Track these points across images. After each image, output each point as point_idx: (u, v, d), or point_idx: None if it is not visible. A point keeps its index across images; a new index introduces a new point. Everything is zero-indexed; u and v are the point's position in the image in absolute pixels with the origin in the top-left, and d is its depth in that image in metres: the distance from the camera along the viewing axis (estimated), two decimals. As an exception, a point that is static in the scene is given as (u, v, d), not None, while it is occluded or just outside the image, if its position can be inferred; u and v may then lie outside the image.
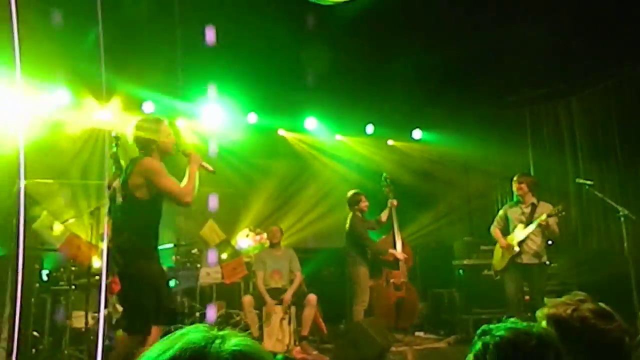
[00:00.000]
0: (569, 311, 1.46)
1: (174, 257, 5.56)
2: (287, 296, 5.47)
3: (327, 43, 6.08)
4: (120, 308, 4.32)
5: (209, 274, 5.49)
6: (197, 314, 5.22)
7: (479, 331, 1.25)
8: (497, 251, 5.33)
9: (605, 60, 6.14)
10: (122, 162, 3.26)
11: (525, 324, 1.23)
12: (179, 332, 0.71)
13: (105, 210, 3.47)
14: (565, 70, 6.52)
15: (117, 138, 3.31)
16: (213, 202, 6.63)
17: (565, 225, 5.63)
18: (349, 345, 4.94)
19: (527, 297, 5.19)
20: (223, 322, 5.60)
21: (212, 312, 5.58)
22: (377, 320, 5.26)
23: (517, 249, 5.02)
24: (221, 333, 0.71)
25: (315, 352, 5.32)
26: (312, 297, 5.50)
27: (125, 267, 3.22)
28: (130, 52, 5.12)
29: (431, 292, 7.04)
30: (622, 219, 4.74)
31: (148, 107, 6.44)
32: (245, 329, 5.43)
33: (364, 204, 5.80)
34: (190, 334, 0.70)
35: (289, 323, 5.39)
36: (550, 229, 4.96)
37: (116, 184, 3.19)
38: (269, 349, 4.82)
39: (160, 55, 5.40)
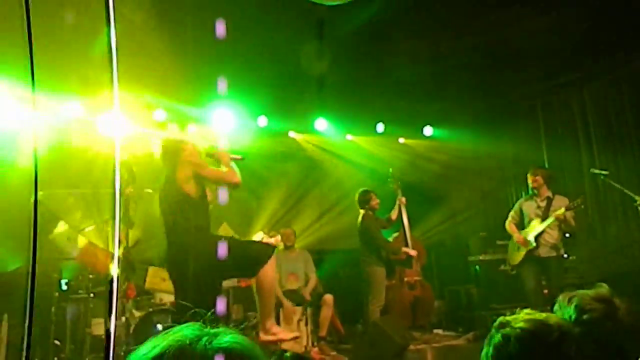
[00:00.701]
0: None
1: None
2: (307, 294, 5.49)
3: (335, 43, 6.08)
4: (137, 314, 4.36)
5: (225, 277, 5.52)
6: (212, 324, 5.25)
7: (496, 323, 1.24)
8: (512, 245, 5.28)
9: (616, 48, 6.06)
10: (134, 169, 3.30)
11: (543, 314, 1.22)
12: (172, 329, 0.70)
13: (118, 218, 3.50)
14: (576, 60, 6.44)
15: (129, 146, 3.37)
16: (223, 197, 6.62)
17: (582, 218, 5.56)
18: (367, 345, 4.93)
19: (545, 291, 5.13)
20: (240, 325, 5.60)
21: (222, 306, 5.57)
22: (395, 319, 5.24)
23: (534, 243, 4.97)
24: (213, 330, 0.69)
25: (333, 353, 5.32)
26: (328, 297, 5.50)
27: (185, 263, 3.31)
28: (141, 58, 5.16)
29: (448, 289, 7.00)
30: (639, 207, 4.67)
31: (159, 114, 6.49)
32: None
33: (375, 202, 5.77)
34: (181, 331, 0.69)
35: (306, 324, 5.39)
36: (567, 222, 4.91)
37: (128, 191, 3.23)
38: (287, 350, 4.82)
39: (169, 60, 5.43)
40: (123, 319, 4.30)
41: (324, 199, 7.87)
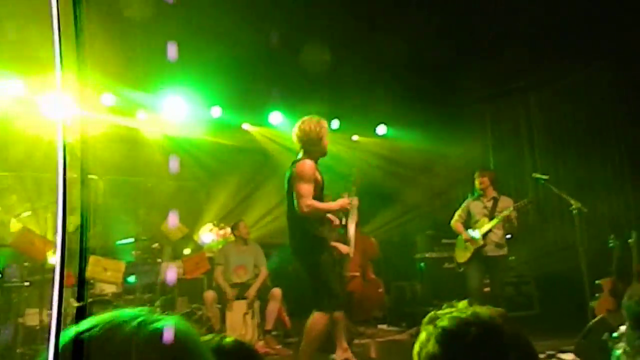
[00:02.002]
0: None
1: (133, 252, 5.42)
2: (252, 292, 5.43)
3: (291, 37, 6.05)
4: (75, 303, 4.17)
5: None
6: (158, 310, 5.11)
7: (425, 319, 1.24)
8: (459, 244, 5.42)
9: (561, 60, 6.35)
10: (78, 154, 3.16)
11: (472, 310, 1.22)
12: (118, 310, 0.65)
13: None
14: (524, 69, 6.71)
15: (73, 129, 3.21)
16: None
17: (523, 219, 5.80)
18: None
19: (486, 289, 5.32)
20: (185, 318, 5.51)
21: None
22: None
23: (481, 240, 5.13)
24: (155, 316, 0.64)
25: (278, 346, 5.31)
26: (276, 291, 5.48)
27: (307, 256, 3.76)
28: (89, 40, 4.94)
29: (394, 285, 7.13)
30: (575, 212, 4.91)
31: (107, 98, 6.26)
32: (207, 324, 5.37)
33: None
34: (123, 311, 0.64)
35: (252, 317, 5.35)
36: (512, 222, 5.11)
37: (70, 175, 3.09)
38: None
39: (120, 43, 5.23)
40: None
41: (276, 192, 7.82)
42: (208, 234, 6.59)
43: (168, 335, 0.60)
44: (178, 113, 6.67)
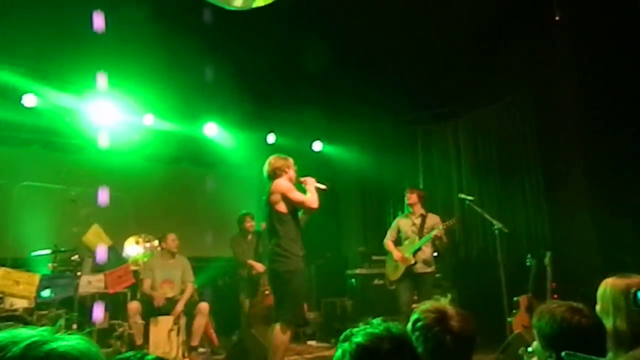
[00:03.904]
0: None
1: (50, 265, 5.05)
2: (178, 308, 5.23)
3: (230, 47, 6.00)
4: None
5: (91, 282, 5.07)
6: (75, 326, 4.78)
7: (341, 337, 1.26)
8: (390, 262, 5.53)
9: (488, 86, 6.74)
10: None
11: (385, 325, 1.25)
12: (13, 329, 0.59)
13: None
14: (453, 94, 7.05)
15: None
16: (103, 197, 6.22)
17: (449, 237, 6.02)
18: (240, 354, 4.85)
19: (414, 305, 5.44)
20: (105, 334, 5.22)
21: (98, 313, 5.19)
22: (268, 329, 5.21)
23: (413, 259, 5.27)
24: (54, 335, 0.59)
25: (204, 364, 5.14)
26: (203, 306, 5.32)
27: (277, 269, 3.98)
28: (7, 29, 4.61)
29: (324, 301, 7.14)
30: (496, 231, 5.17)
31: (29, 99, 5.88)
32: (130, 341, 5.11)
33: (248, 224, 6.29)
34: (15, 331, 0.58)
35: (178, 334, 5.15)
36: (442, 240, 5.29)
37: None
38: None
39: (43, 37, 4.91)
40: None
41: (208, 205, 7.66)
42: (133, 246, 6.30)
43: (62, 358, 0.55)
44: (107, 118, 6.37)
